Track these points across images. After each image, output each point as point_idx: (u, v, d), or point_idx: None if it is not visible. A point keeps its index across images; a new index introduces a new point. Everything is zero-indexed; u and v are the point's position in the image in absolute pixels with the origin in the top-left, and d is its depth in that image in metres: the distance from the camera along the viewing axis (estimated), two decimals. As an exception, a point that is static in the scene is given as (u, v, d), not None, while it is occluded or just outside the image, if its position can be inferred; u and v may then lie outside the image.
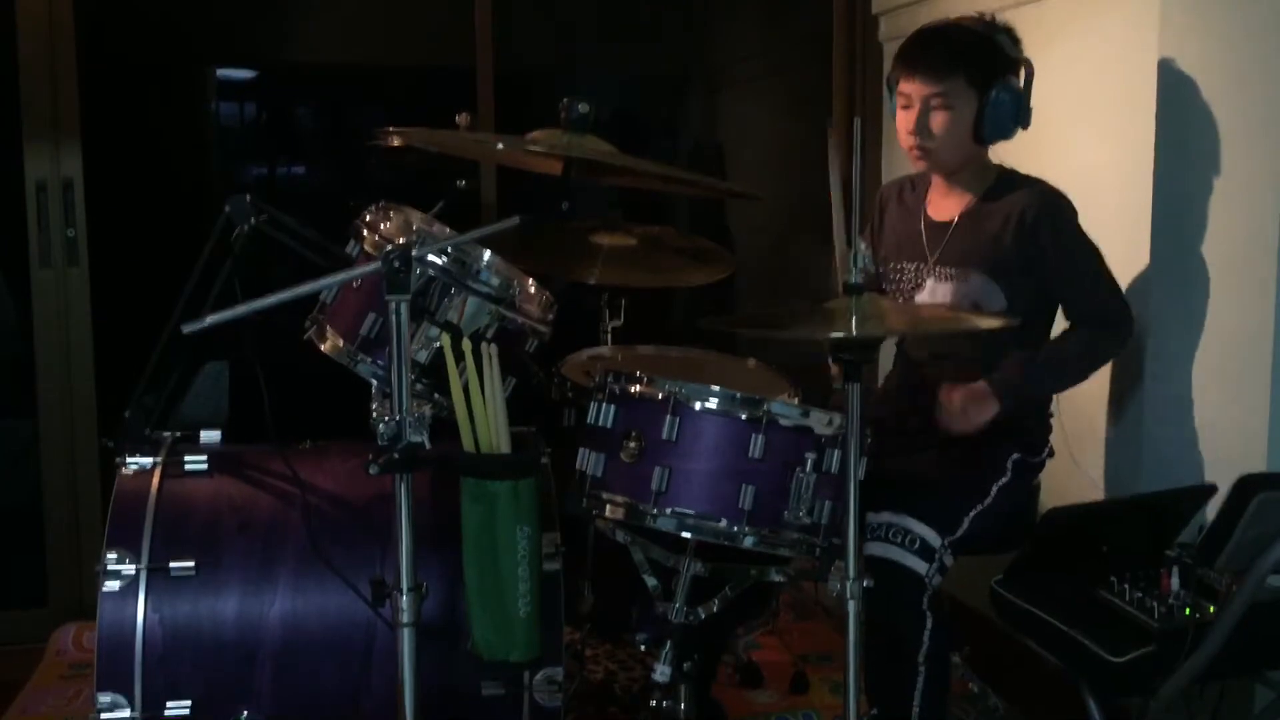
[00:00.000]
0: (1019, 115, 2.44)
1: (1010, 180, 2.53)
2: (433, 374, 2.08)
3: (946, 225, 2.55)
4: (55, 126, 3.35)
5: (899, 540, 2.28)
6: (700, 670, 2.30)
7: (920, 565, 2.27)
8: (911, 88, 2.45)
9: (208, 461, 2.21)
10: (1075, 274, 2.44)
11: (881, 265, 2.64)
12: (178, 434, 2.30)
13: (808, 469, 2.00)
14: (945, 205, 2.57)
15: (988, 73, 2.41)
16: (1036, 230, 2.42)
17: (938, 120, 2.43)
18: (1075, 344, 2.47)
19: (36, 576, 3.46)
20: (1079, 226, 2.45)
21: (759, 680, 2.98)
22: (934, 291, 2.52)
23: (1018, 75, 2.45)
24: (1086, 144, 2.76)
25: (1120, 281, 2.52)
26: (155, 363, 2.27)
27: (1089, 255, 2.44)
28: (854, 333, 1.88)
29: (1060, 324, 2.53)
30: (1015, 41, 2.47)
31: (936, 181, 2.59)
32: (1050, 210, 2.44)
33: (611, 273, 2.80)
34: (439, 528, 2.06)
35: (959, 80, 2.41)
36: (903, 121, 2.48)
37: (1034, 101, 2.46)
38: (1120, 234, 2.60)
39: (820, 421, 2.01)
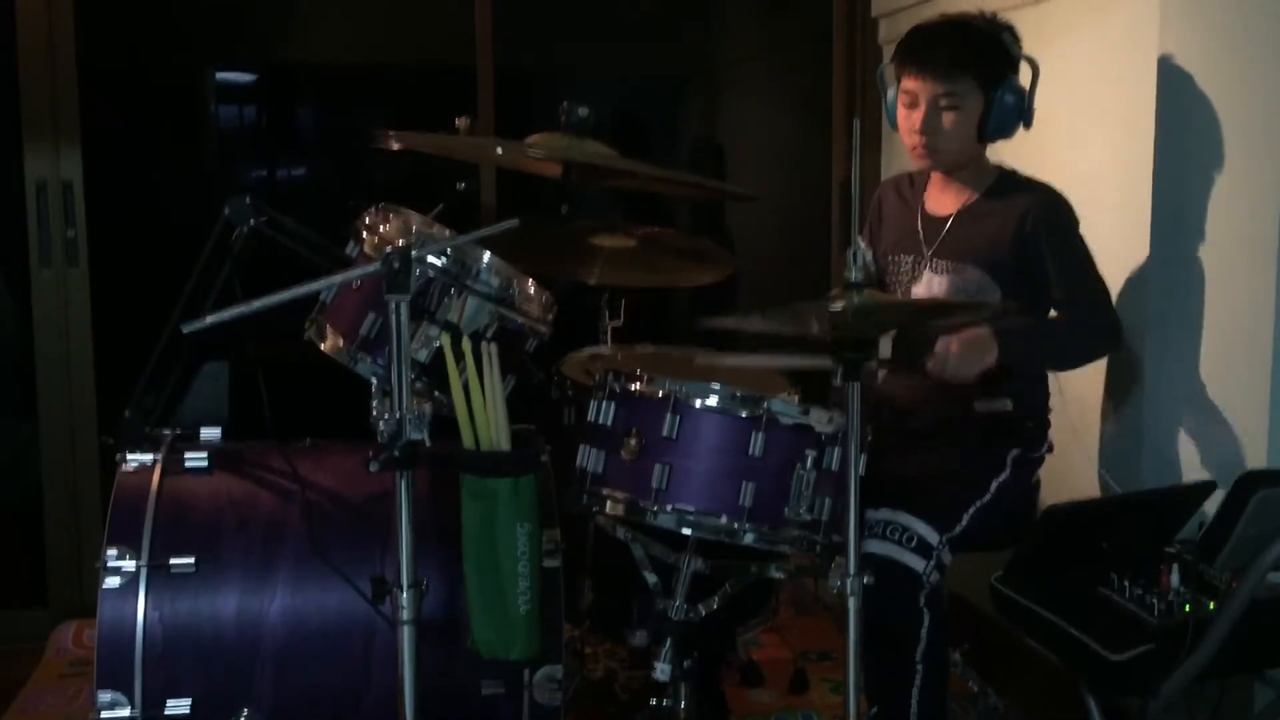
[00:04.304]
0: (1023, 114, 2.45)
1: (1012, 181, 2.54)
2: (432, 372, 2.08)
3: (944, 220, 2.56)
4: (55, 128, 3.35)
5: (897, 537, 2.28)
6: (704, 666, 2.30)
7: (917, 563, 2.27)
8: (918, 85, 2.44)
9: (208, 459, 2.21)
10: (1071, 276, 2.44)
11: (880, 259, 2.65)
12: (178, 431, 2.30)
13: (808, 466, 2.00)
14: (943, 201, 2.58)
15: (995, 72, 2.42)
16: (1036, 234, 2.43)
17: (946, 119, 2.43)
18: (1074, 324, 2.45)
19: (37, 576, 3.46)
20: (1077, 230, 2.46)
21: (759, 679, 2.98)
22: (930, 284, 2.53)
23: (1019, 74, 2.46)
24: (1086, 144, 2.77)
25: (1120, 280, 2.53)
26: (155, 362, 2.27)
27: (1084, 259, 2.45)
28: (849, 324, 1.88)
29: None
30: (1017, 40, 2.48)
31: (935, 177, 2.60)
32: (1052, 215, 2.45)
33: (611, 273, 2.80)
34: (439, 525, 2.06)
35: (968, 80, 2.41)
36: (906, 119, 2.48)
37: (1034, 101, 2.47)
38: (1120, 233, 2.60)
39: (820, 419, 2.01)
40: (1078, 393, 2.61)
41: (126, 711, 2.02)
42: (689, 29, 4.25)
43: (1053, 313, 2.50)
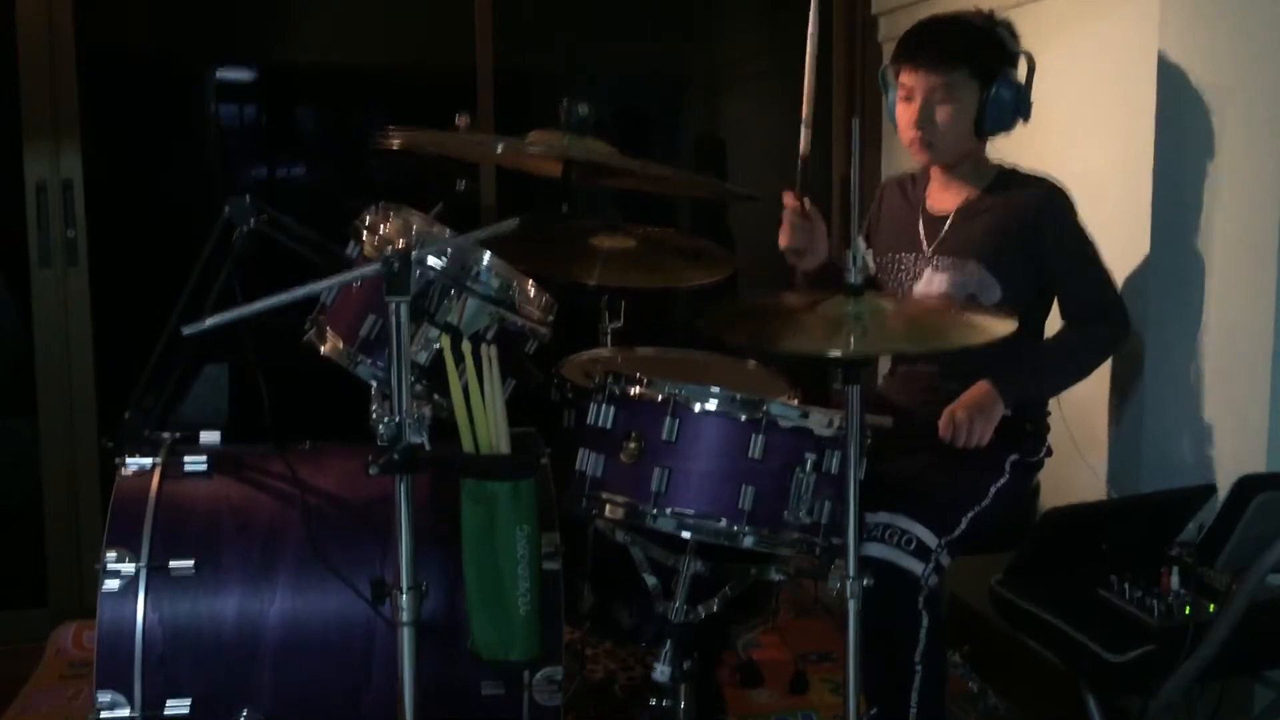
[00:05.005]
0: (1020, 109, 2.46)
1: (1011, 176, 2.55)
2: (432, 375, 2.08)
3: (944, 217, 2.56)
4: (55, 127, 3.36)
5: (896, 541, 2.27)
6: (703, 667, 2.29)
7: (916, 566, 2.27)
8: (914, 79, 2.46)
9: (207, 462, 2.21)
10: (1075, 267, 2.46)
11: (880, 256, 2.65)
12: (177, 434, 2.30)
13: (807, 469, 2.00)
14: (944, 198, 2.59)
15: (990, 66, 2.43)
16: (1039, 223, 2.44)
17: (941, 112, 2.45)
18: (1076, 338, 2.47)
19: (37, 576, 3.46)
20: (1079, 221, 2.47)
21: (759, 679, 2.97)
22: (930, 281, 2.54)
23: (1017, 68, 2.46)
24: (1087, 143, 2.77)
25: (1120, 281, 2.53)
26: (155, 364, 2.27)
27: (1088, 249, 2.47)
28: (852, 349, 1.87)
29: (1054, 319, 2.54)
30: (1014, 36, 2.49)
31: (936, 175, 2.61)
32: (1053, 204, 2.47)
33: (611, 274, 2.79)
34: (439, 528, 2.06)
35: (963, 72, 2.43)
36: (904, 113, 2.50)
37: (1034, 101, 2.47)
38: (1120, 234, 2.60)
39: (820, 422, 2.01)
40: (1077, 396, 2.60)
41: (126, 712, 2.02)
42: (689, 29, 4.25)
43: (1055, 305, 2.51)
